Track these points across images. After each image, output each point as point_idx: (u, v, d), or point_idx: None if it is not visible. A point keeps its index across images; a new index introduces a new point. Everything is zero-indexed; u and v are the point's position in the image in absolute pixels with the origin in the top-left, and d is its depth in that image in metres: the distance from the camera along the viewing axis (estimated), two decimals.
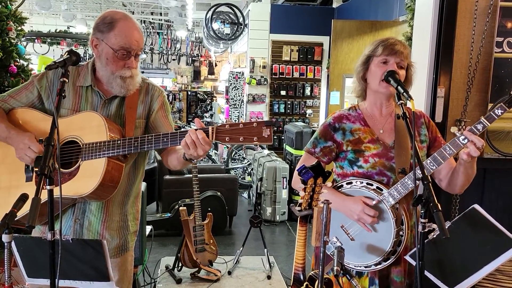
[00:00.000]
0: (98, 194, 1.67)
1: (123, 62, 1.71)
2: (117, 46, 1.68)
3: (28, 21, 3.52)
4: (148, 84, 1.90)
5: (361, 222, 1.76)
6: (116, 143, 1.63)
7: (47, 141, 1.39)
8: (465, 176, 1.75)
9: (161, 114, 1.88)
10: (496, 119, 1.63)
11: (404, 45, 1.84)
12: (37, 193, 1.28)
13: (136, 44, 1.71)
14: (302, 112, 7.89)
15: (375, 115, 1.90)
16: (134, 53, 1.72)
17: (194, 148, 1.53)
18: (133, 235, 1.94)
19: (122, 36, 1.68)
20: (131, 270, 1.98)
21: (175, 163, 1.80)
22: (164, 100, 1.91)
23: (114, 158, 1.66)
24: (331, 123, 1.91)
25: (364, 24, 5.85)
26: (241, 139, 1.48)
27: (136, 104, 1.82)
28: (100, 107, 1.78)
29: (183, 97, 14.74)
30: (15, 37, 3.23)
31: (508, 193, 2.87)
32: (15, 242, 1.49)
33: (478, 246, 1.63)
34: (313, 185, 1.39)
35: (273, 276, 3.93)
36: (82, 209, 1.78)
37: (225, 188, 5.27)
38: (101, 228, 1.81)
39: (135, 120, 1.80)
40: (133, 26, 1.72)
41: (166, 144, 1.61)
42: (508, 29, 2.71)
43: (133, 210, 1.93)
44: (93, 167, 1.64)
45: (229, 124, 1.50)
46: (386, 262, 1.77)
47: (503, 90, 2.78)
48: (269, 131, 1.47)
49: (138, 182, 1.92)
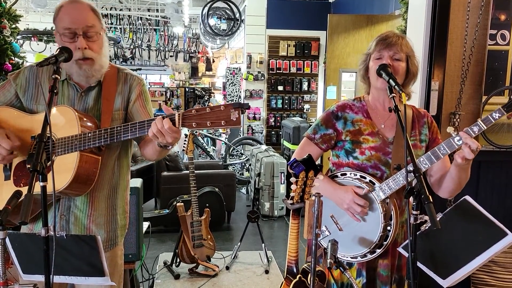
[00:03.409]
0: (75, 189, 1.66)
1: (73, 45, 1.66)
2: (61, 29, 1.66)
3: (24, 19, 3.52)
4: (127, 74, 1.87)
5: (350, 211, 1.77)
6: (87, 136, 1.62)
7: (39, 137, 1.39)
8: (458, 179, 1.74)
9: (139, 103, 1.84)
10: (493, 122, 1.61)
11: (398, 36, 1.82)
12: (30, 190, 1.29)
13: (77, 22, 1.65)
14: (300, 107, 7.88)
15: (379, 109, 1.89)
16: (80, 32, 1.66)
17: (162, 136, 1.51)
18: (123, 229, 1.93)
19: (64, 18, 1.66)
20: (121, 265, 1.97)
21: (150, 152, 1.78)
22: (142, 89, 1.87)
23: (87, 151, 1.64)
24: (334, 111, 1.91)
25: (360, 18, 5.84)
26: (208, 123, 1.44)
27: (113, 95, 1.79)
28: (77, 100, 1.77)
29: (181, 94, 14.71)
30: (9, 35, 3.23)
31: (503, 185, 2.88)
32: (10, 238, 1.49)
33: (470, 237, 1.64)
34: (304, 178, 1.40)
35: (271, 271, 3.95)
36: (67, 205, 1.78)
37: (223, 183, 5.28)
38: (88, 222, 1.80)
39: (112, 112, 1.77)
40: (75, 6, 1.68)
41: (135, 134, 1.59)
42: (501, 21, 2.72)
43: (122, 204, 1.91)
44: (66, 162, 1.62)
45: (196, 109, 1.46)
46: (372, 255, 1.78)
47: (497, 83, 2.79)
48: (237, 113, 1.42)
49: (124, 174, 1.90)
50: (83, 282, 1.55)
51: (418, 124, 1.88)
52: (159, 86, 15.20)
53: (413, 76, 1.85)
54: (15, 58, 3.27)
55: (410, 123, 1.86)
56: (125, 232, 1.95)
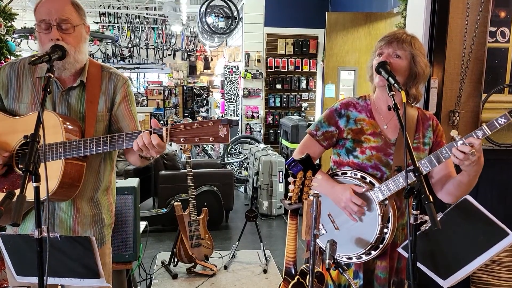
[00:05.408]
0: (60, 195, 1.65)
1: (47, 36, 1.63)
2: (38, 20, 1.65)
3: (21, 18, 3.49)
4: (111, 74, 1.82)
5: (347, 210, 1.75)
6: (72, 144, 1.59)
7: (32, 137, 1.36)
8: (466, 185, 1.71)
9: (124, 106, 1.81)
10: (498, 128, 1.58)
11: (406, 34, 1.77)
12: (22, 190, 1.26)
13: (51, 13, 1.62)
14: (298, 105, 7.86)
15: (383, 109, 1.85)
16: (54, 24, 1.63)
17: (146, 150, 1.51)
18: (109, 228, 1.92)
19: (40, 9, 1.64)
20: (110, 263, 1.96)
21: (133, 159, 1.77)
22: (127, 91, 1.83)
23: (73, 158, 1.62)
24: (338, 108, 1.88)
25: (359, 16, 5.81)
26: (196, 139, 1.43)
27: (97, 97, 1.76)
28: (58, 99, 1.73)
29: (179, 92, 14.70)
30: (5, 33, 3.21)
31: (503, 183, 2.86)
32: (2, 239, 1.47)
33: (471, 237, 1.62)
34: (302, 178, 1.38)
35: (269, 270, 3.93)
36: (52, 208, 1.75)
37: (221, 182, 5.26)
38: (73, 224, 1.78)
39: (96, 115, 1.74)
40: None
41: (121, 146, 1.57)
42: (501, 18, 2.70)
43: (106, 203, 1.89)
44: (51, 169, 1.57)
45: (184, 124, 1.45)
46: (367, 256, 1.76)
47: (497, 80, 2.77)
48: (226, 130, 1.41)
49: (107, 175, 1.88)
50: (77, 283, 1.53)
51: (422, 126, 1.84)
52: (157, 85, 15.19)
53: (417, 77, 1.78)
54: (10, 56, 3.24)
55: (414, 125, 1.83)
56: (111, 230, 1.94)
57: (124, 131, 1.79)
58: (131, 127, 1.81)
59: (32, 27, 10.42)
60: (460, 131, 2.58)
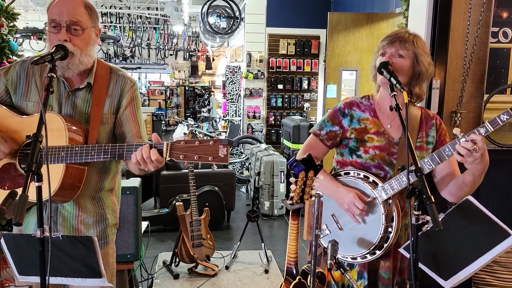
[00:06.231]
0: (61, 196, 1.65)
1: (57, 37, 1.64)
2: (49, 20, 1.65)
3: (23, 18, 3.51)
4: (119, 76, 1.81)
5: (350, 212, 1.75)
6: (74, 150, 1.60)
7: (34, 137, 1.37)
8: (470, 185, 1.70)
9: (129, 110, 1.81)
10: (501, 125, 1.57)
11: (408, 33, 1.77)
12: (25, 190, 1.27)
13: (62, 14, 1.62)
14: (300, 105, 7.85)
15: (386, 109, 1.84)
16: (64, 25, 1.63)
17: (144, 164, 1.53)
18: (113, 228, 1.92)
19: (52, 9, 1.65)
20: (113, 263, 1.96)
21: (133, 167, 1.77)
22: (134, 94, 1.83)
23: (74, 163, 1.63)
24: (341, 108, 1.88)
25: (361, 16, 5.80)
26: (196, 157, 1.45)
27: (103, 100, 1.76)
28: (64, 99, 1.73)
29: (180, 92, 14.72)
30: (7, 33, 3.21)
31: (505, 184, 2.86)
32: (5, 239, 1.48)
33: (472, 238, 1.62)
34: (304, 178, 1.38)
35: (271, 270, 3.93)
36: (54, 206, 1.76)
37: (223, 182, 5.25)
38: (76, 223, 1.78)
39: (100, 118, 1.74)
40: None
41: (122, 156, 1.59)
42: (503, 19, 2.69)
43: (110, 203, 1.89)
44: (52, 171, 1.57)
45: (185, 140, 1.47)
46: (372, 256, 1.76)
47: (499, 81, 2.76)
48: (225, 150, 1.43)
49: (111, 176, 1.88)
50: (79, 283, 1.53)
51: (425, 125, 1.84)
52: (159, 85, 15.21)
53: (420, 76, 1.77)
54: (13, 56, 3.24)
55: (418, 124, 1.82)
56: (115, 230, 1.94)
57: (127, 136, 1.80)
58: (134, 132, 1.81)
59: (34, 27, 10.45)
60: (462, 131, 2.57)
